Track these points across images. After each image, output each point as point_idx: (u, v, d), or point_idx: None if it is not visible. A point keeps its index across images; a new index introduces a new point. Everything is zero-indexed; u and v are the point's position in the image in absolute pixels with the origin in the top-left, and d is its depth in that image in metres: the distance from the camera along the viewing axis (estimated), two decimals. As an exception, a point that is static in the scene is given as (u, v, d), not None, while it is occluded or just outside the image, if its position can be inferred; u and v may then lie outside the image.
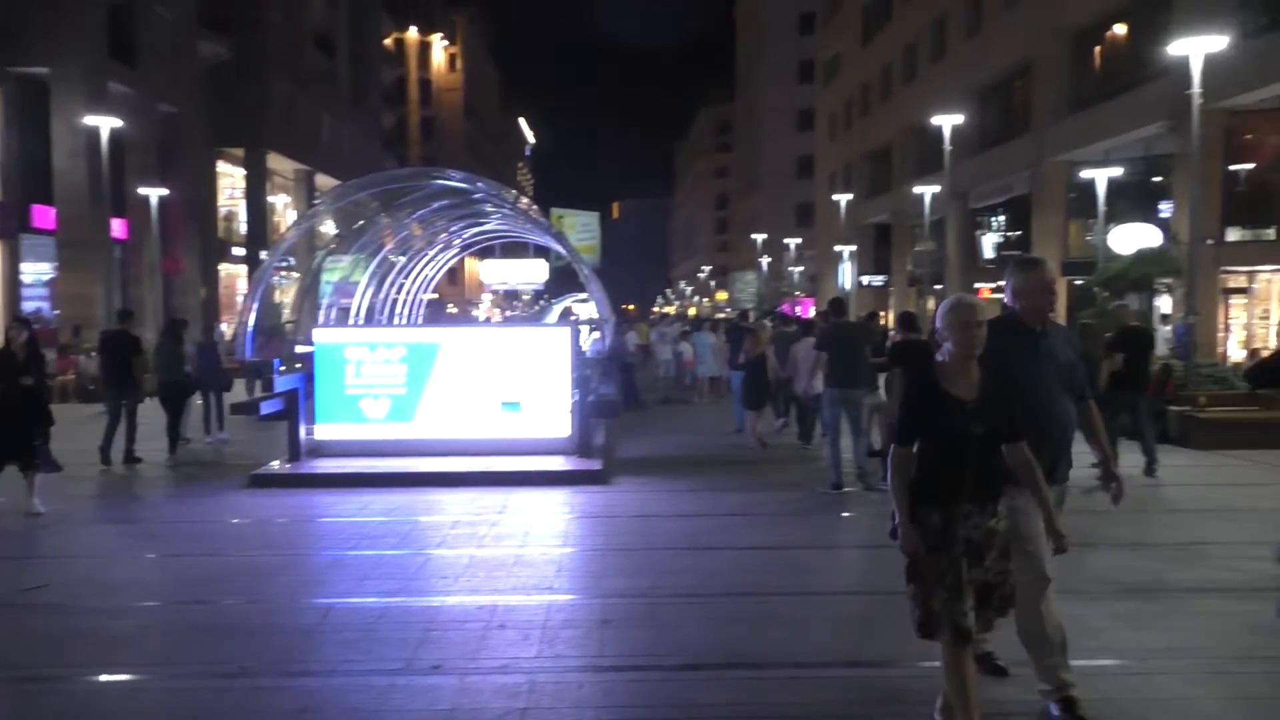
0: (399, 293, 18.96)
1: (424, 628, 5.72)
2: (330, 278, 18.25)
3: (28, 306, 27.51)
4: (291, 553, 7.70)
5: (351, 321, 16.14)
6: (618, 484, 10.37)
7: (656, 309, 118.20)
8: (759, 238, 64.80)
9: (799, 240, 59.51)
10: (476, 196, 13.67)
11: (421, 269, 19.30)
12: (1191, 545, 7.65)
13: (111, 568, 7.24)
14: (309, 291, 15.47)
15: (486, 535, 8.06)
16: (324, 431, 11.46)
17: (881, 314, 23.11)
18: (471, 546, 7.69)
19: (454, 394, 11.31)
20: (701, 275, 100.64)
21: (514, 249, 35.07)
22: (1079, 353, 4.53)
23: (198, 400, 13.90)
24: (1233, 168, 22.70)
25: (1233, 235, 22.81)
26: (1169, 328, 15.26)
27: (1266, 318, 24.16)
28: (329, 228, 22.75)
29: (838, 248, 48.10)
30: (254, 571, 7.07)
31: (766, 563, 7.24)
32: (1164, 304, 22.78)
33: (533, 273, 39.74)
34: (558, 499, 9.59)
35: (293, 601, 6.33)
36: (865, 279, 47.65)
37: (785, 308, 51.83)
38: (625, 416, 16.09)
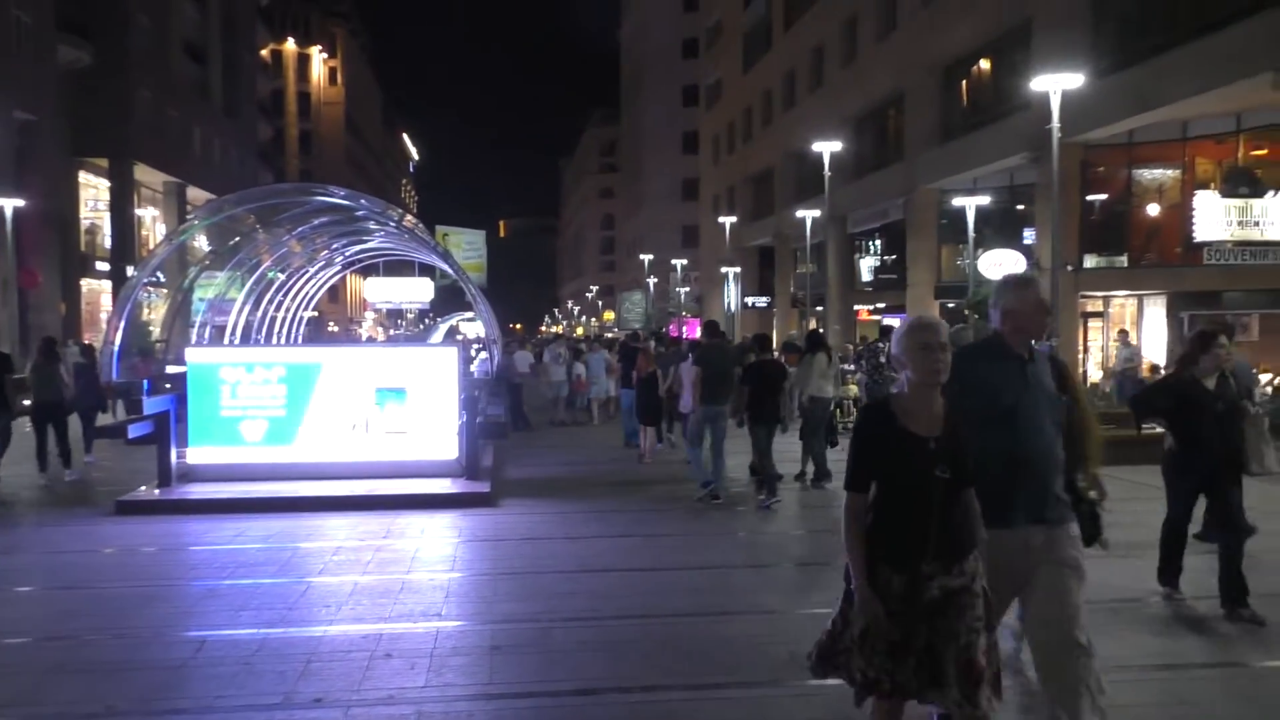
0: (278, 310, 18.37)
1: (305, 659, 5.52)
2: (204, 295, 17.54)
3: None
4: (162, 583, 7.32)
5: (227, 341, 15.55)
6: (506, 506, 10.26)
7: (543, 328, 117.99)
8: (645, 258, 65.30)
9: (685, 261, 60.27)
10: (360, 214, 13.40)
11: (302, 287, 18.77)
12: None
13: (-40, 605, 6.74)
14: (180, 310, 14.84)
15: (371, 561, 7.85)
16: (198, 455, 10.99)
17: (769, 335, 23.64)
18: (355, 573, 7.48)
19: (336, 415, 11.02)
20: (589, 295, 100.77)
21: (398, 267, 34.41)
22: (1057, 379, 4.00)
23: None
24: (1089, 198, 24.10)
25: (1090, 262, 24.16)
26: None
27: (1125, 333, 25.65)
28: (202, 243, 21.91)
29: (723, 269, 48.91)
30: (121, 604, 6.70)
31: (658, 584, 7.24)
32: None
33: (418, 291, 39.01)
34: (445, 522, 9.42)
35: (163, 635, 6.02)
36: (749, 300, 48.54)
37: (672, 328, 52.42)
38: (513, 438, 16.02)
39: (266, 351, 12.08)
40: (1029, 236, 26.18)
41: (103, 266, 38.01)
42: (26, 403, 12.59)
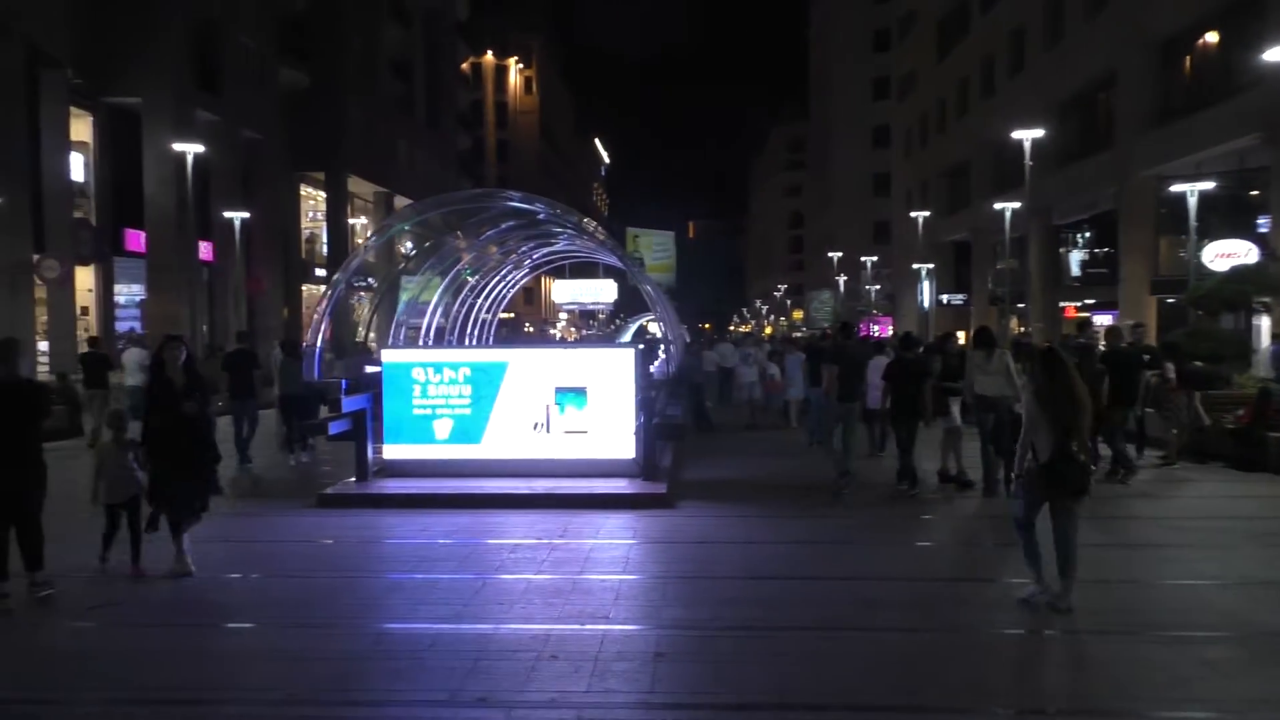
0: (471, 312, 19.08)
1: (474, 657, 5.60)
2: (404, 297, 18.47)
3: (121, 326, 28.56)
4: (351, 575, 7.67)
5: (421, 342, 16.26)
6: (682, 508, 10.17)
7: (732, 327, 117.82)
8: (835, 256, 63.99)
9: (875, 258, 58.63)
10: (541, 217, 13.69)
11: (493, 288, 19.42)
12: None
13: (168, 587, 7.27)
14: (383, 311, 15.65)
15: (546, 560, 7.94)
16: (392, 452, 11.50)
17: (961, 334, 22.55)
18: (530, 571, 7.58)
19: (519, 414, 11.24)
20: (777, 294, 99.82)
21: (585, 269, 35.17)
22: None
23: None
24: (1336, 180, 21.60)
25: (1337, 251, 21.63)
26: (1266, 346, 14.49)
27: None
28: (408, 248, 23.09)
29: (916, 265, 47.24)
30: (312, 594, 7.05)
31: (832, 594, 6.97)
32: (1264, 323, 21.68)
33: (601, 292, 39.75)
34: (620, 522, 9.42)
35: (346, 626, 6.27)
36: (945, 297, 46.65)
37: (862, 326, 51.12)
38: (695, 439, 15.90)
39: (454, 352, 12.51)
40: (1262, 224, 23.75)
41: (320, 273, 40.85)
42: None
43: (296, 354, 13.71)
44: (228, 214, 29.16)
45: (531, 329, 70.46)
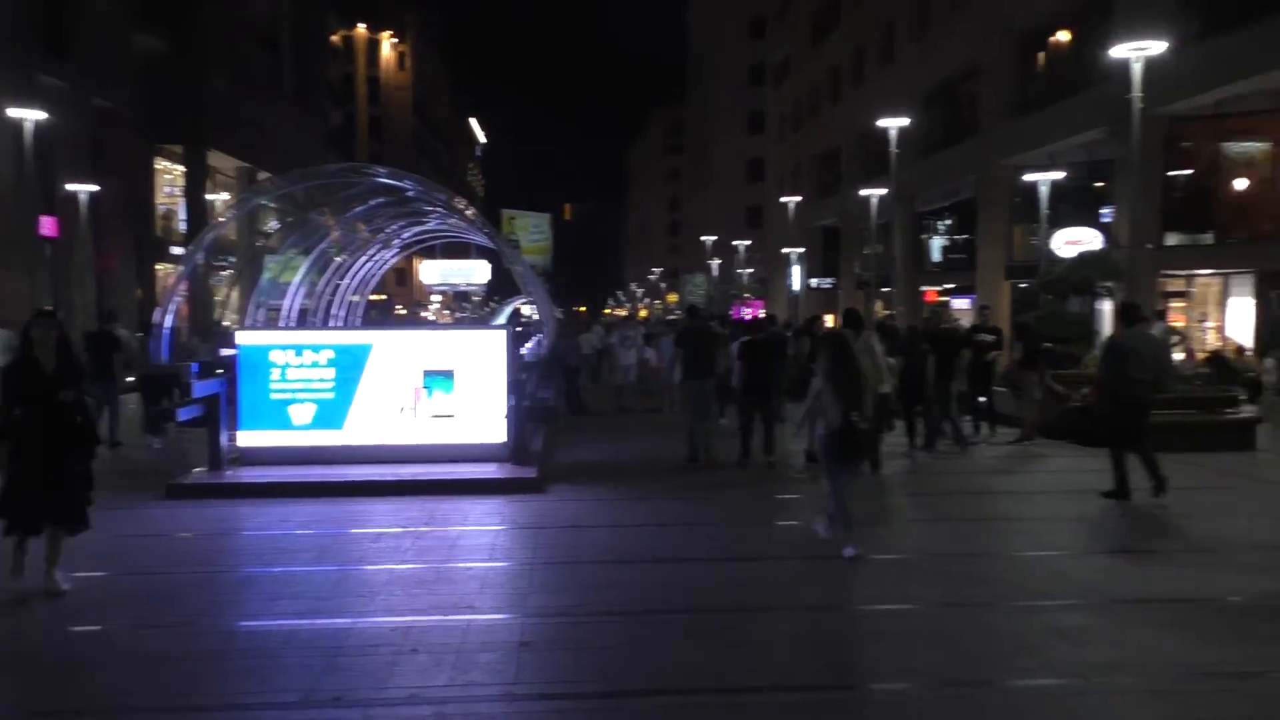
0: (334, 294, 18.41)
1: (331, 653, 5.35)
2: (265, 276, 17.67)
3: (-49, 306, 26.40)
4: (201, 569, 7.23)
5: (282, 324, 15.59)
6: (553, 492, 10.05)
7: (608, 310, 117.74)
8: (709, 240, 64.72)
9: (749, 242, 59.55)
10: (410, 194, 13.26)
11: (361, 269, 18.77)
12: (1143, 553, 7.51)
13: (5, 590, 6.71)
14: (244, 290, 14.92)
15: (410, 549, 7.69)
16: (248, 439, 10.96)
17: (829, 317, 23.08)
18: (393, 561, 7.32)
19: (385, 398, 10.89)
20: (653, 277, 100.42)
21: (458, 249, 34.51)
22: None
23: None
24: (1171, 173, 22.97)
25: (1172, 240, 23.07)
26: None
27: (1204, 321, 24.49)
28: (271, 226, 22.12)
29: (787, 250, 48.20)
30: (161, 591, 6.63)
31: (700, 576, 6.96)
32: (1106, 307, 22.93)
33: (474, 273, 39.03)
34: (488, 508, 9.23)
35: (197, 625, 5.90)
36: (814, 281, 47.79)
37: (735, 310, 51.81)
38: (568, 422, 15.91)
39: (316, 334, 12.00)
40: (1107, 214, 25.12)
41: (178, 251, 38.78)
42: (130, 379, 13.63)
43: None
44: (74, 187, 27.31)
45: (404, 311, 68.84)
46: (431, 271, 39.57)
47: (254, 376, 10.89)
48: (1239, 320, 22.63)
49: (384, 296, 65.27)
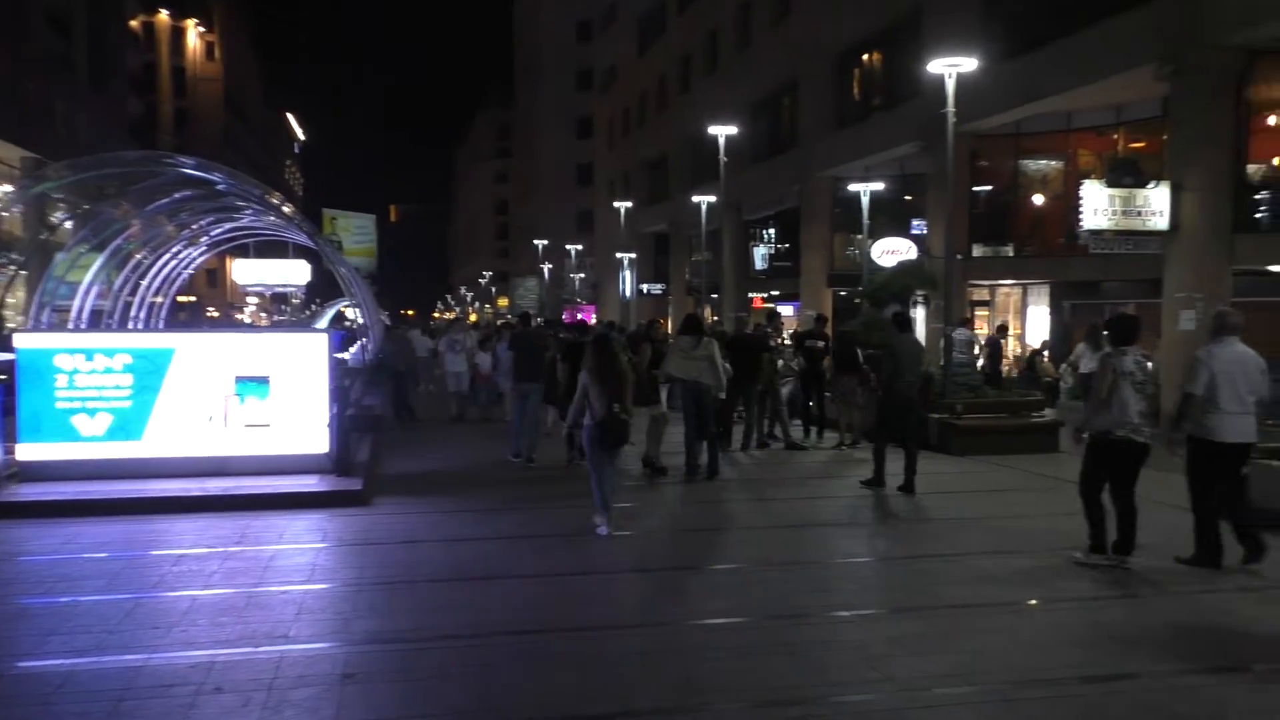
0: (134, 294, 16.92)
1: (116, 696, 4.68)
2: (55, 274, 16.01)
3: None
4: (-37, 605, 6.29)
5: (73, 325, 14.16)
6: (380, 505, 9.50)
7: (436, 314, 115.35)
8: (540, 244, 64.27)
9: (580, 247, 59.49)
10: (221, 188, 12.26)
11: (166, 267, 17.33)
12: (956, 557, 7.67)
13: None
14: (30, 289, 13.41)
15: (217, 571, 6.97)
16: (29, 452, 9.81)
17: (660, 321, 23.13)
18: (196, 586, 6.60)
19: (191, 407, 10.00)
20: (483, 280, 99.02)
21: (275, 248, 32.69)
22: None
23: None
24: (976, 188, 24.30)
25: (977, 251, 24.37)
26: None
27: (1006, 328, 26.03)
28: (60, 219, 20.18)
29: (619, 255, 48.37)
30: (-96, 633, 5.68)
31: (544, 593, 6.61)
32: (920, 313, 24.02)
33: (292, 273, 36.90)
34: (308, 524, 8.59)
35: (-51, 671, 5.07)
36: (645, 287, 48.11)
37: (567, 315, 51.58)
38: (396, 432, 15.44)
39: (109, 337, 10.86)
40: (918, 226, 26.36)
41: (-49, 246, 35.02)
42: None
43: None
44: None
45: (216, 314, 64.94)
46: (245, 271, 37.11)
47: (36, 383, 9.77)
48: (1037, 327, 24.16)
49: (194, 298, 61.43)
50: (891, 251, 24.35)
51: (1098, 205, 16.76)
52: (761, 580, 6.90)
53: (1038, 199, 24.04)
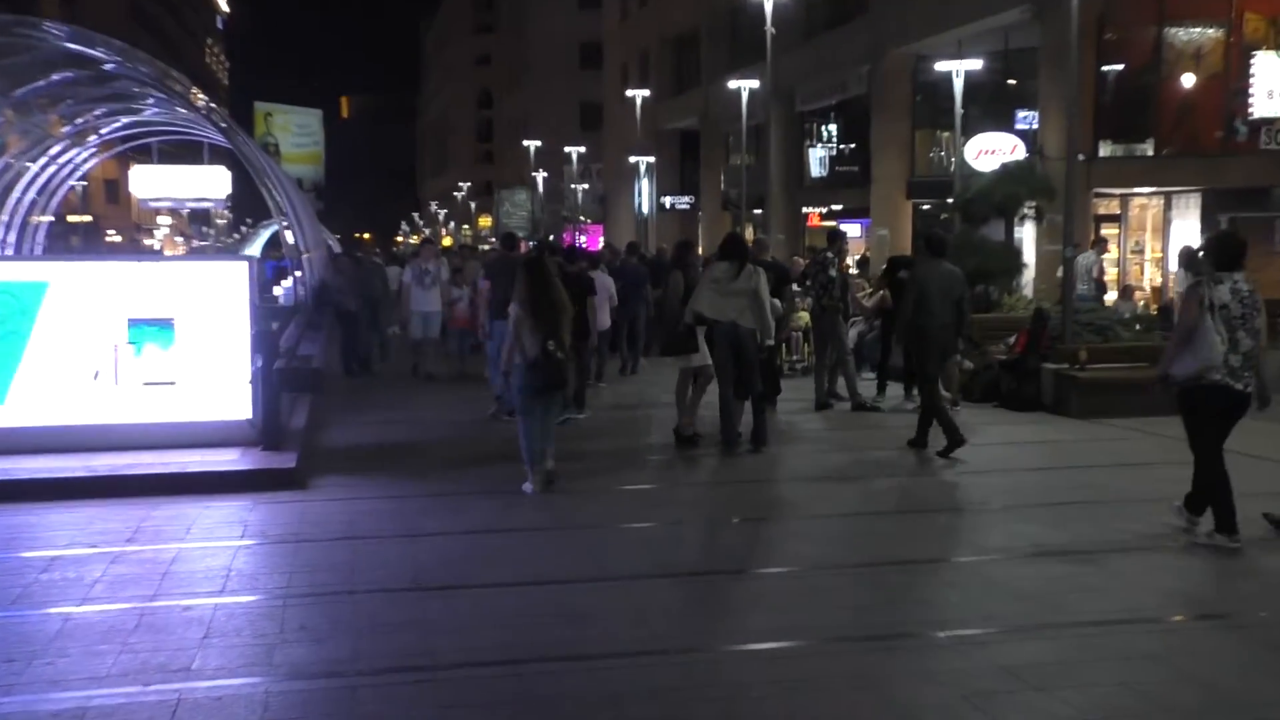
0: (6, 208, 16.69)
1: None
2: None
3: None
4: None
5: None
6: (319, 488, 9.38)
7: (400, 238, 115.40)
8: (532, 145, 63.74)
9: (583, 149, 58.96)
10: (109, 69, 11.90)
11: (41, 174, 17.06)
12: (1086, 555, 7.37)
13: None
14: None
15: (100, 580, 6.76)
16: None
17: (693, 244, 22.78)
18: (71, 601, 6.39)
19: (71, 358, 9.85)
20: (459, 194, 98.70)
21: (190, 153, 32.34)
22: None
23: None
24: (1104, 68, 23.67)
25: (1104, 150, 23.85)
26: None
27: (1141, 251, 25.57)
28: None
29: (633, 160, 47.88)
30: None
31: (529, 607, 6.34)
32: (1028, 232, 23.48)
33: (207, 184, 35.84)
34: (224, 514, 8.44)
35: None
36: (668, 200, 47.73)
37: (566, 236, 51.32)
38: (343, 390, 15.42)
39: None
40: (1025, 119, 25.74)
41: None
42: None
43: None
44: None
45: (119, 238, 64.97)
46: (146, 181, 36.04)
47: None
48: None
49: (89, 218, 61.42)
50: (991, 151, 23.87)
51: (1272, 85, 16.19)
52: (824, 589, 6.63)
53: (1187, 80, 23.42)
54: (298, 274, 16.19)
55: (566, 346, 9.16)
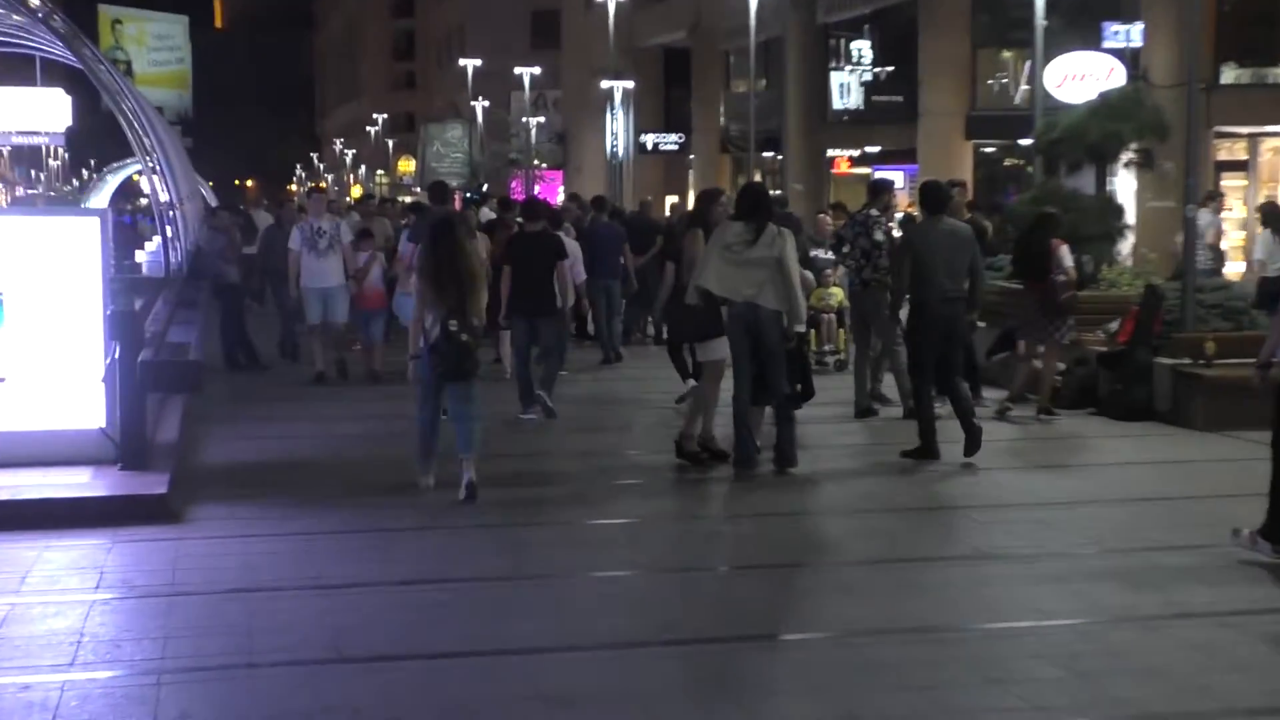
0: None
1: None
2: None
3: None
4: None
5: None
6: (199, 521, 9.42)
7: (294, 186, 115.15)
8: (469, 66, 63.66)
9: (537, 71, 58.93)
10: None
11: None
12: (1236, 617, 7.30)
13: None
14: None
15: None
16: None
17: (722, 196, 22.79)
18: None
19: None
20: (372, 130, 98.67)
21: (16, 70, 32.04)
22: None
23: None
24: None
25: (1227, 76, 23.95)
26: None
27: (1218, 196, 25.59)
28: None
29: (605, 85, 47.85)
30: None
31: (488, 685, 6.24)
32: (1122, 181, 23.46)
33: (38, 113, 35.43)
34: (72, 558, 8.42)
35: None
36: (650, 139, 47.75)
37: (514, 185, 51.22)
38: (226, 388, 15.42)
39: None
40: (1117, 34, 25.69)
41: None
42: None
43: None
44: None
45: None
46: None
47: None
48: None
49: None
50: (1079, 76, 23.83)
51: None
52: (877, 663, 6.56)
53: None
54: (167, 234, 16.04)
55: (475, 326, 9.79)
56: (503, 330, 15.29)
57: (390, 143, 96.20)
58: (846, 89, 37.14)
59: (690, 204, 31.93)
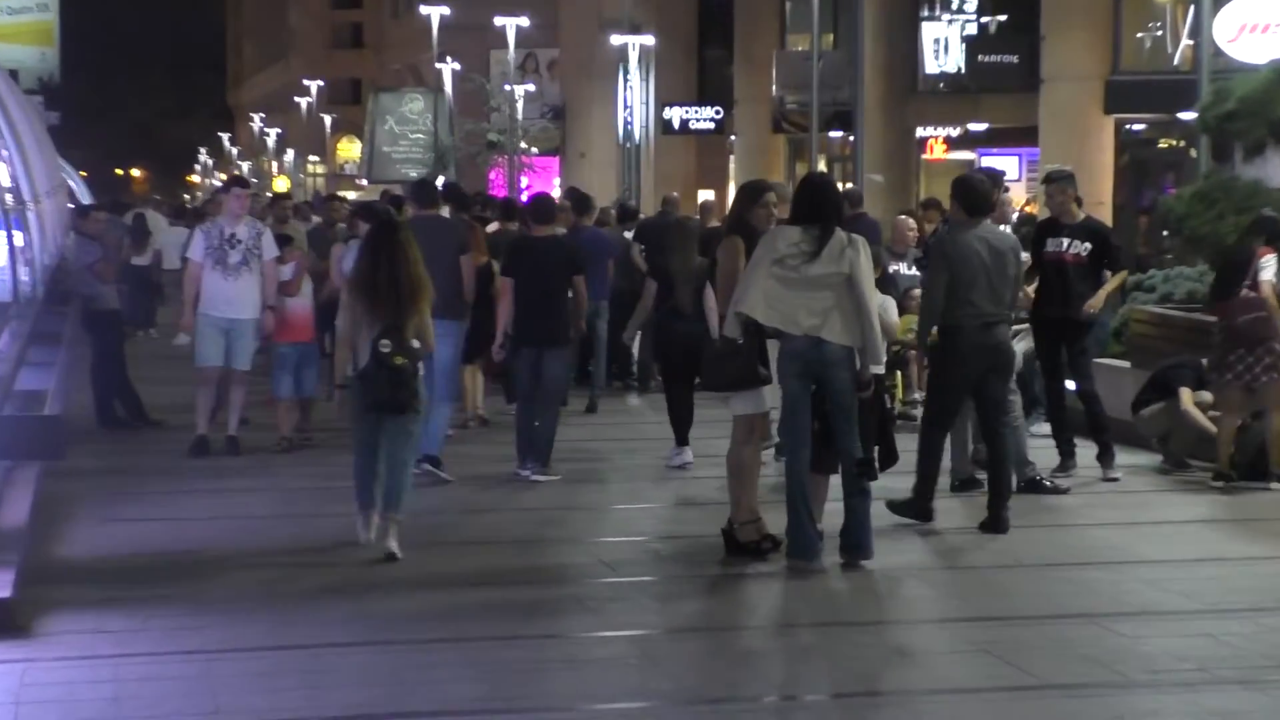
0: None
1: None
2: None
3: None
4: None
5: None
6: (54, 636, 9.33)
7: (195, 177, 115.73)
8: (434, 15, 63.98)
9: (524, 23, 59.24)
10: None
11: None
12: None
13: None
14: None
15: None
16: None
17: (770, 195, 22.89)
18: None
19: None
20: (305, 104, 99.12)
21: None
22: None
23: None
24: None
25: None
26: None
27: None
28: None
29: (616, 41, 48.09)
30: None
31: None
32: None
33: None
34: None
35: None
36: (673, 114, 47.94)
37: (494, 178, 51.49)
38: (100, 451, 15.79)
39: None
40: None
41: None
42: None
43: None
44: None
45: None
46: None
47: None
48: None
49: None
50: (1262, 27, 23.77)
51: None
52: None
53: None
54: (17, 243, 16.05)
55: (413, 349, 10.48)
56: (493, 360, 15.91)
57: (328, 119, 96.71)
58: (943, 46, 37.32)
59: (729, 202, 32.03)
